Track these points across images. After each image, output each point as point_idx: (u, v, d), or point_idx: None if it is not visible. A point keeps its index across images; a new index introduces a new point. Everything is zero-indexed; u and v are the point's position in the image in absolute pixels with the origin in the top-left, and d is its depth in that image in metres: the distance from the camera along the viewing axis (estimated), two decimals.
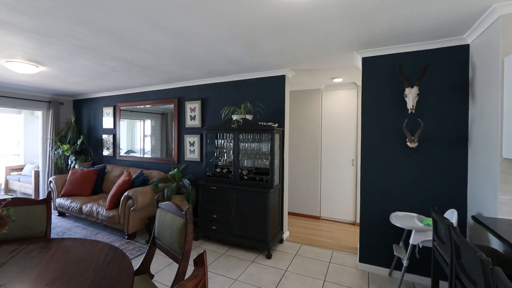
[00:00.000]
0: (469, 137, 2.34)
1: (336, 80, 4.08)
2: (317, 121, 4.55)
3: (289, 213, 4.72)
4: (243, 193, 3.17)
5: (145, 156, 4.74)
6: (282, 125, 3.51)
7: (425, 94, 2.50)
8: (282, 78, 3.52)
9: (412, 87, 2.40)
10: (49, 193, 1.95)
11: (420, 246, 2.16)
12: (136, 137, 4.89)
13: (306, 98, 4.65)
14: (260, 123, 3.41)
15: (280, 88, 3.53)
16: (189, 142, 4.27)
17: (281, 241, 3.46)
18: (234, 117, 3.37)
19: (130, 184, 3.79)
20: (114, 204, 3.65)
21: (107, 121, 5.27)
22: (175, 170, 3.56)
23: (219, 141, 3.70)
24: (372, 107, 2.73)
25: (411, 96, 2.40)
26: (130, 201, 3.45)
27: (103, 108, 5.31)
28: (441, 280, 2.41)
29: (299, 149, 4.69)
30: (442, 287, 2.41)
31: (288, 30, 2.23)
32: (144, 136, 4.78)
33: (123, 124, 5.04)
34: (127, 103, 4.94)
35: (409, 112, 2.44)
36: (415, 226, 2.11)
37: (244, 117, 3.34)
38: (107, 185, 4.55)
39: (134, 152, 4.89)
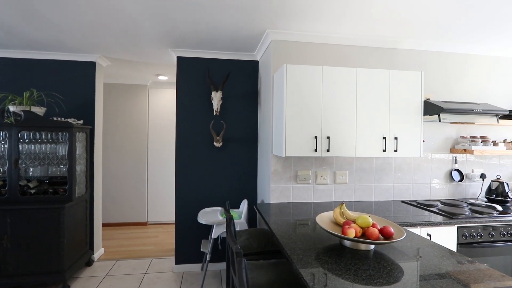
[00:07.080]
0: (258, 137, 2.83)
1: (161, 78, 3.90)
2: (144, 119, 4.19)
3: (111, 225, 4.08)
4: (24, 213, 2.35)
5: None
6: (91, 122, 2.91)
7: (228, 99, 2.79)
8: (91, 65, 2.93)
9: (217, 91, 2.60)
10: None
11: (220, 238, 2.36)
12: None
13: (131, 93, 4.17)
14: (57, 118, 2.68)
15: (89, 78, 2.93)
16: None
17: (89, 263, 2.86)
18: (12, 108, 2.46)
19: None
20: None
21: None
22: None
23: None
24: (185, 107, 2.75)
25: (216, 99, 2.59)
26: None
27: None
28: None
29: (123, 150, 4.15)
30: None
31: (77, 1, 1.79)
32: None
33: None
34: None
35: (214, 114, 2.63)
36: (215, 220, 2.28)
37: (28, 109, 2.49)
38: None
39: None
